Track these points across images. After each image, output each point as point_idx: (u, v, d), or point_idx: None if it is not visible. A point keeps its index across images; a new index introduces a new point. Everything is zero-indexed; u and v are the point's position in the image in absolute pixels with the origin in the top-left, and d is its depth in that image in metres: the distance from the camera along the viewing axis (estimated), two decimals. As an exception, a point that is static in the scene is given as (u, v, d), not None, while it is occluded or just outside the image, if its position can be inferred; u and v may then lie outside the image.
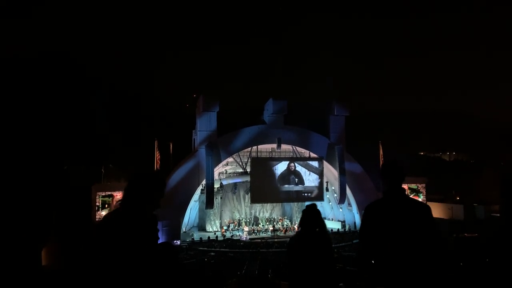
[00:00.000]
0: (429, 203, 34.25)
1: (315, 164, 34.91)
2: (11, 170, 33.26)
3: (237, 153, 33.86)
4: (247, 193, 34.73)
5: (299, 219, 37.21)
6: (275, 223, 36.97)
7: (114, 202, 28.74)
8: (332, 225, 37.53)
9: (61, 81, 59.79)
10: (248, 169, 33.43)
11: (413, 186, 37.05)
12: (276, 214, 38.73)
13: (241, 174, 34.68)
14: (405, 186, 37.11)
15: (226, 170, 35.93)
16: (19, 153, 39.60)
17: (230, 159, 34.27)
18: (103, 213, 28.31)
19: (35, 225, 22.85)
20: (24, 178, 32.27)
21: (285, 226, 36.16)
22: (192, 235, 33.15)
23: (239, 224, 36.24)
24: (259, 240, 30.92)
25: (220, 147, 32.44)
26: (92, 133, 50.97)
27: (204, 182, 30.78)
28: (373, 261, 3.26)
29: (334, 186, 36.19)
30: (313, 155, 35.19)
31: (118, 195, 28.82)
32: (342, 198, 34.50)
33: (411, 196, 4.75)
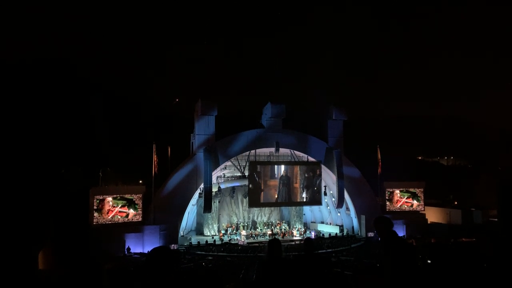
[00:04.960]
0: (427, 208, 34.43)
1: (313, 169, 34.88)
2: (9, 174, 33.14)
3: (235, 157, 33.84)
4: (245, 197, 34.67)
5: (296, 224, 37.14)
6: (273, 227, 36.91)
7: (106, 205, 28.54)
8: (330, 229, 37.51)
9: (60, 86, 59.77)
10: (246, 173, 33.40)
11: (412, 190, 37.03)
12: (274, 218, 38.68)
13: (239, 178, 34.62)
14: (399, 190, 37.12)
15: (224, 174, 35.89)
16: (17, 156, 39.47)
17: (228, 163, 34.23)
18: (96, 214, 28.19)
19: (32, 228, 22.72)
20: (21, 182, 32.15)
21: (283, 230, 36.07)
22: (190, 239, 33.05)
23: (237, 228, 36.14)
24: (257, 244, 30.82)
25: (218, 151, 32.43)
26: (90, 137, 50.88)
27: (202, 186, 30.72)
28: None
29: (332, 190, 36.19)
30: (311, 159, 35.19)
31: (109, 198, 28.71)
32: (340, 202, 34.47)
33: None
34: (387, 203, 36.42)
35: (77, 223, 27.67)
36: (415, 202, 36.89)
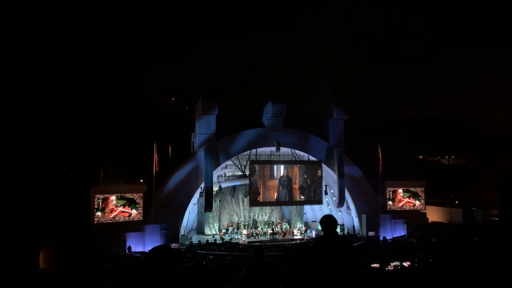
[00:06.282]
0: (427, 207, 34.52)
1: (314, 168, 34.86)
2: (9, 173, 33.20)
3: (236, 156, 33.85)
4: (246, 196, 34.69)
5: (297, 224, 37.14)
6: (274, 226, 36.92)
7: (110, 204, 28.58)
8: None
9: (60, 85, 59.82)
10: (247, 172, 33.40)
11: (412, 189, 36.99)
12: (275, 217, 38.68)
13: (240, 177, 34.64)
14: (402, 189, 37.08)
15: (225, 173, 35.90)
16: (18, 155, 39.53)
17: (229, 162, 34.25)
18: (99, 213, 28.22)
19: (32, 228, 22.75)
20: (22, 181, 32.20)
21: (284, 229, 36.08)
22: (191, 238, 33.07)
23: (238, 227, 36.17)
24: (258, 244, 30.83)
25: (219, 150, 32.43)
26: (91, 136, 50.93)
27: (203, 185, 30.73)
28: None
29: (333, 189, 36.17)
30: (312, 158, 35.17)
31: (112, 197, 28.74)
32: (341, 202, 34.46)
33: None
34: (390, 202, 36.38)
35: (78, 222, 27.70)
36: (417, 202, 36.83)
